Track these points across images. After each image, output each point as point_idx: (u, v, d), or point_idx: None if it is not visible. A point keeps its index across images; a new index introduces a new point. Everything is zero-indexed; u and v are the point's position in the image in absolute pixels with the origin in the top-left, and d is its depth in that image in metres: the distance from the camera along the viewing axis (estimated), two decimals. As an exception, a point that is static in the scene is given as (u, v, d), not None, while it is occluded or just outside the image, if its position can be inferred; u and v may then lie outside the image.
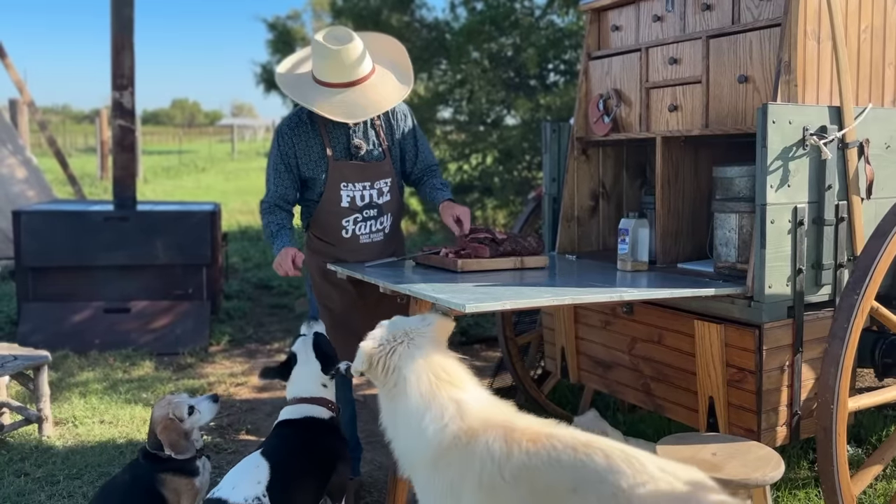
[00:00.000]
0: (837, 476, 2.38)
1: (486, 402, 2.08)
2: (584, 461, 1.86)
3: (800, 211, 2.63)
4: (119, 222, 5.56)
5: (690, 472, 1.84)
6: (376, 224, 3.18)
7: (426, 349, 2.11)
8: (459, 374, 2.12)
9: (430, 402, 2.03)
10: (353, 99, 2.96)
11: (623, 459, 1.84)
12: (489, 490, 1.94)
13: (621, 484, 1.79)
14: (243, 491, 2.27)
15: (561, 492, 1.87)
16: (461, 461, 1.98)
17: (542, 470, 1.89)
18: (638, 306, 3.08)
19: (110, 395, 4.47)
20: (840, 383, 2.37)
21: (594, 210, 3.67)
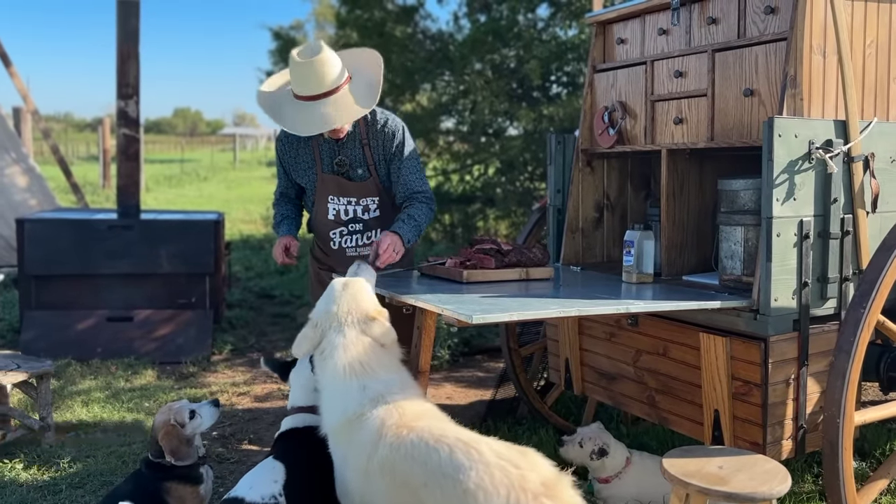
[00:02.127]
0: (844, 491, 2.38)
1: (394, 392, 2.25)
2: (432, 456, 2.02)
3: (805, 224, 2.64)
4: (123, 231, 5.57)
5: (526, 457, 2.00)
6: (362, 238, 3.24)
7: (351, 338, 2.34)
8: (375, 364, 2.31)
9: (341, 385, 2.27)
10: (316, 112, 2.96)
11: (464, 452, 1.99)
12: (364, 475, 2.16)
13: (459, 477, 1.94)
14: (260, 490, 2.28)
15: (415, 486, 2.04)
16: (349, 442, 2.21)
17: (399, 464, 2.07)
18: (643, 318, 3.08)
19: (113, 403, 4.46)
20: (846, 397, 2.37)
21: (599, 222, 3.67)
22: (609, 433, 3.24)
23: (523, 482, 1.91)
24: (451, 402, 4.74)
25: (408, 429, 2.12)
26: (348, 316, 2.40)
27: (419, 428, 2.11)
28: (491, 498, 1.89)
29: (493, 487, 1.91)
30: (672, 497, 2.20)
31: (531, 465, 1.98)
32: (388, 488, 2.11)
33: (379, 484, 2.13)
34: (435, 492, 1.99)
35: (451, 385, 5.06)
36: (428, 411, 2.25)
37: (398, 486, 2.08)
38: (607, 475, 3.17)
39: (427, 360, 2.66)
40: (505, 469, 1.94)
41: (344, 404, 2.26)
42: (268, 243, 10.10)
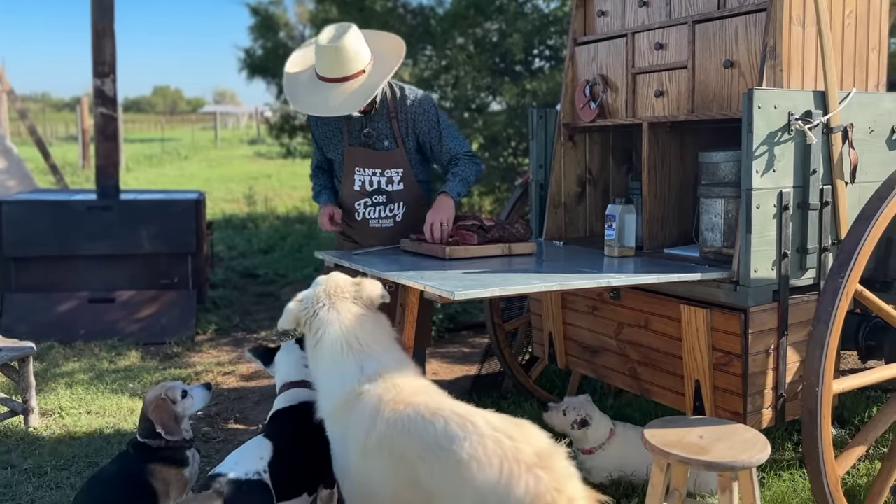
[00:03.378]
0: (822, 457, 2.42)
1: (391, 370, 2.26)
2: (428, 429, 2.03)
3: (785, 195, 2.65)
4: (102, 212, 5.51)
5: (521, 429, 2.00)
6: (385, 210, 3.35)
7: (346, 316, 2.32)
8: (370, 341, 2.31)
9: (338, 365, 2.27)
10: (335, 94, 3.08)
11: (459, 424, 2.00)
12: (363, 453, 2.17)
13: (453, 448, 1.96)
14: (244, 466, 2.28)
15: (412, 460, 2.05)
16: (347, 421, 2.21)
17: (396, 438, 2.08)
18: (625, 292, 3.09)
19: (96, 385, 4.44)
20: (825, 366, 2.39)
21: (581, 196, 3.68)
22: (594, 406, 3.28)
23: (517, 453, 1.92)
24: (436, 377, 4.76)
25: (405, 404, 2.12)
26: (337, 291, 2.39)
27: (416, 403, 2.11)
28: (484, 468, 1.91)
29: (486, 458, 1.92)
30: (654, 467, 2.23)
31: (526, 436, 1.99)
32: (386, 464, 2.11)
33: (377, 460, 2.13)
34: (431, 464, 2.01)
35: (437, 361, 5.08)
36: (425, 387, 2.26)
37: (396, 460, 2.09)
38: (591, 446, 3.21)
39: (411, 336, 2.67)
40: (499, 440, 1.95)
41: (342, 384, 2.25)
42: (250, 222, 10.06)
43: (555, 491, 1.86)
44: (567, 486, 1.89)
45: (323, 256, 3.01)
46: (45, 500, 3.11)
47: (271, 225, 9.93)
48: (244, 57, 8.62)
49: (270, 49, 8.45)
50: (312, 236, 8.87)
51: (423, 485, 2.02)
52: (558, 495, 1.86)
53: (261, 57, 8.56)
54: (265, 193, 12.61)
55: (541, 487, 1.86)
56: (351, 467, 2.22)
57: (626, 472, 3.16)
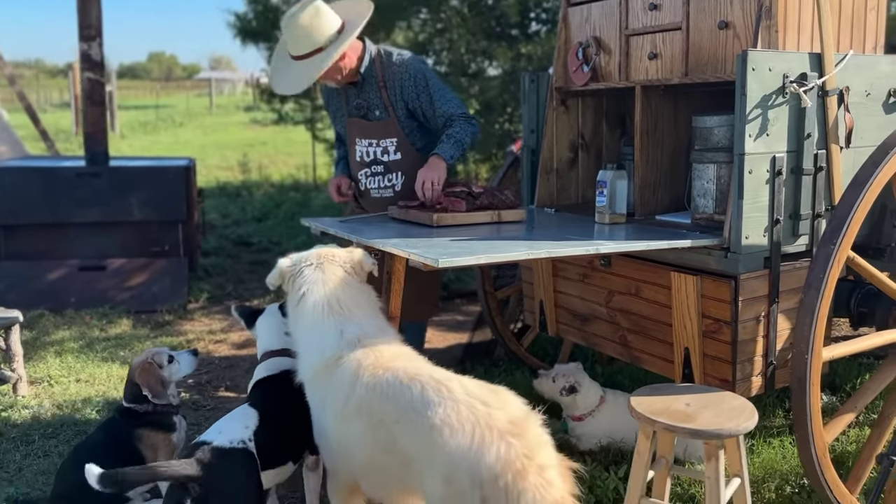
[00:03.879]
0: (811, 425, 2.40)
1: (371, 335, 2.24)
2: (404, 393, 2.02)
3: (778, 160, 2.60)
4: (91, 178, 5.45)
5: (497, 396, 1.99)
6: (384, 180, 3.35)
7: (330, 278, 2.31)
8: (352, 306, 2.29)
9: (319, 327, 2.25)
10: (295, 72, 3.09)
11: (434, 389, 1.98)
12: (342, 418, 2.15)
13: (427, 413, 1.94)
14: (229, 434, 2.26)
15: (389, 424, 2.04)
16: (327, 386, 2.19)
17: (375, 403, 2.07)
18: (615, 259, 3.05)
19: (86, 353, 4.42)
20: (815, 333, 2.37)
21: (573, 162, 3.62)
22: (584, 373, 3.26)
23: (490, 420, 1.90)
24: (429, 345, 4.74)
25: (384, 369, 2.11)
26: (328, 255, 2.39)
27: (395, 368, 2.10)
28: (456, 434, 1.88)
29: (458, 424, 1.89)
30: (639, 435, 2.21)
31: (501, 403, 1.97)
32: (365, 428, 2.10)
33: (356, 425, 2.12)
34: (406, 428, 1.99)
35: (430, 329, 5.03)
36: (404, 353, 2.24)
37: (374, 424, 2.08)
38: (580, 413, 3.20)
39: (397, 305, 2.63)
40: (473, 406, 1.93)
41: (322, 348, 2.24)
42: (244, 190, 10.00)
43: (525, 458, 1.84)
44: (538, 453, 1.88)
45: (309, 224, 2.97)
46: (32, 469, 3.11)
47: (265, 192, 9.86)
48: (235, 21, 8.46)
49: (262, 13, 8.29)
50: (306, 204, 8.81)
51: (400, 449, 2.01)
52: (528, 462, 1.84)
53: (253, 21, 8.40)
54: (260, 161, 12.50)
55: (511, 454, 1.84)
56: (330, 432, 2.21)
57: (616, 439, 3.15)
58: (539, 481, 1.85)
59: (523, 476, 1.84)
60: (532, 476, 1.85)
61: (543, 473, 1.87)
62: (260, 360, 2.65)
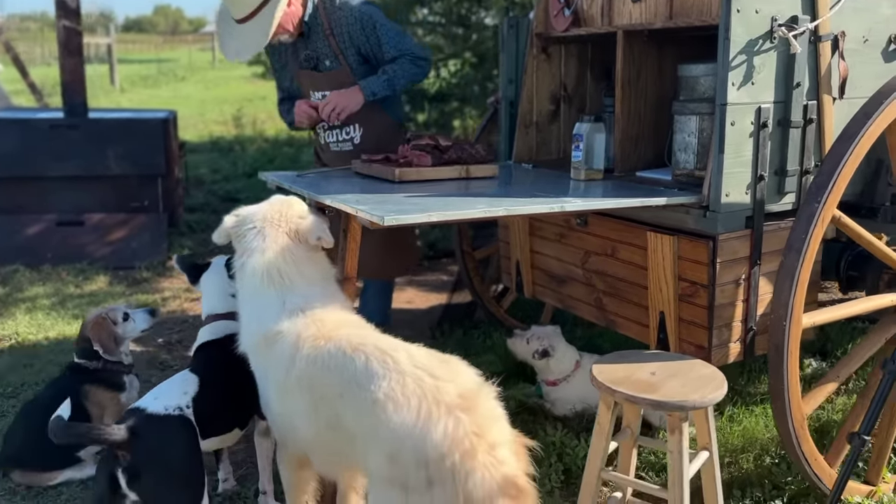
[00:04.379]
0: (788, 395, 2.26)
1: (314, 304, 2.09)
2: (348, 366, 1.88)
3: (764, 111, 2.41)
4: (67, 131, 5.29)
5: (447, 366, 1.84)
6: (342, 134, 3.23)
7: (271, 245, 2.14)
8: (294, 275, 2.12)
9: (258, 297, 2.10)
10: (250, 32, 2.94)
11: (380, 360, 1.84)
12: (283, 392, 2.02)
13: (371, 387, 1.80)
14: (165, 401, 2.14)
15: (332, 398, 1.90)
16: (267, 358, 2.07)
17: (317, 376, 1.93)
18: (592, 218, 2.89)
19: (58, 310, 4.32)
20: (795, 298, 2.21)
21: (555, 115, 3.42)
22: (561, 337, 3.13)
23: (437, 393, 1.76)
24: (410, 306, 4.62)
25: (326, 339, 1.96)
26: (275, 217, 2.21)
27: (338, 337, 1.95)
28: (400, 409, 1.74)
29: (403, 398, 1.76)
30: (600, 404, 2.07)
31: (451, 374, 1.82)
32: (307, 404, 1.98)
33: (298, 400, 2.00)
34: (350, 403, 1.86)
35: (414, 289, 4.93)
36: (349, 320, 2.09)
37: (317, 399, 1.95)
38: (555, 378, 3.08)
39: (353, 265, 2.48)
40: (419, 379, 1.79)
41: (261, 319, 2.10)
42: (237, 145, 9.81)
43: (474, 435, 1.71)
44: (490, 430, 1.74)
45: (265, 178, 2.81)
46: (-13, 429, 3.01)
47: (259, 148, 9.67)
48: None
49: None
50: (298, 159, 8.63)
51: (344, 425, 1.87)
52: (478, 440, 1.71)
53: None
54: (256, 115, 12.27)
55: (459, 432, 1.70)
56: (273, 405, 2.08)
57: (591, 405, 3.03)
58: (489, 460, 1.71)
59: (472, 455, 1.70)
60: (482, 455, 1.71)
61: (494, 451, 1.73)
62: (204, 323, 2.52)
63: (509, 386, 3.26)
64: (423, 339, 4.01)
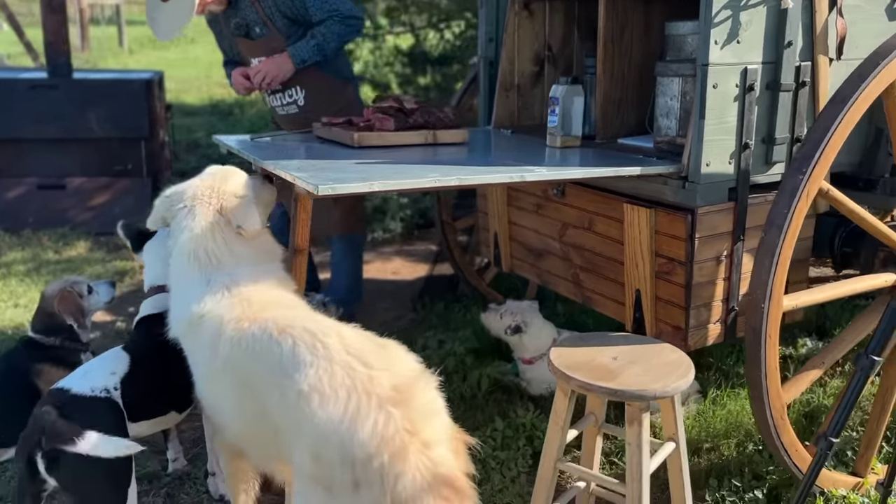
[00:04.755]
0: (766, 382, 2.09)
1: (242, 283, 1.93)
2: (274, 350, 1.71)
3: (750, 73, 2.20)
4: (48, 91, 5.13)
5: (383, 353, 1.69)
6: (284, 97, 3.16)
7: (201, 221, 1.99)
8: (224, 255, 1.97)
9: (185, 278, 1.97)
10: (175, 9, 2.90)
11: (308, 345, 1.68)
12: (209, 378, 1.88)
13: (296, 376, 1.64)
14: (92, 381, 2.01)
15: (256, 386, 1.75)
16: (192, 342, 1.94)
17: (241, 361, 1.78)
18: (569, 188, 2.70)
19: (33, 277, 4.22)
20: (775, 278, 2.03)
21: (538, 77, 3.21)
22: (538, 313, 2.97)
23: (369, 384, 1.59)
24: (396, 277, 4.47)
25: (250, 321, 1.80)
26: (205, 192, 2.05)
27: (263, 319, 1.79)
28: (327, 403, 1.58)
29: (330, 390, 1.59)
30: (557, 391, 1.91)
31: (386, 363, 1.66)
32: (232, 391, 1.83)
33: (224, 387, 1.85)
34: (272, 392, 1.69)
35: (401, 259, 4.78)
36: (279, 300, 1.92)
37: (241, 387, 1.80)
38: (530, 356, 2.92)
39: (304, 236, 2.32)
40: (350, 368, 1.62)
41: (187, 301, 1.94)
42: (237, 108, 9.63)
43: (407, 433, 1.54)
44: (425, 426, 1.57)
45: (218, 140, 2.64)
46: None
47: (258, 111, 9.46)
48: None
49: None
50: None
51: (269, 416, 1.72)
52: (410, 439, 1.54)
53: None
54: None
55: (390, 429, 1.54)
56: (203, 394, 1.94)
57: None
58: (422, 461, 1.55)
59: (402, 456, 1.54)
60: (413, 456, 1.55)
61: (429, 451, 1.57)
62: (147, 295, 2.38)
63: (485, 363, 3.12)
64: (405, 312, 3.94)
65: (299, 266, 2.27)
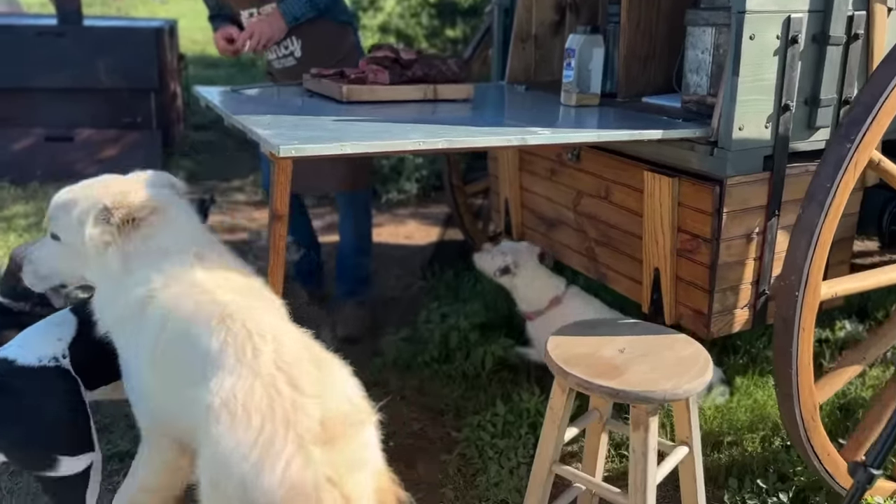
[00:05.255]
0: (797, 380, 1.83)
1: (178, 277, 1.61)
2: (203, 343, 1.43)
3: (794, 23, 1.89)
4: (55, 38, 4.94)
5: (318, 373, 1.37)
6: (280, 49, 2.94)
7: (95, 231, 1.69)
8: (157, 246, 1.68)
9: (119, 273, 1.67)
10: None
11: (238, 348, 1.38)
12: (153, 361, 1.57)
13: (211, 384, 1.35)
14: (37, 350, 1.80)
15: (181, 383, 1.46)
16: (132, 329, 1.63)
17: (176, 350, 1.50)
18: (585, 152, 2.43)
19: (32, 232, 4.08)
20: (812, 262, 1.75)
21: (558, 26, 2.91)
22: (534, 257, 2.66)
23: (292, 414, 1.29)
24: (409, 241, 4.25)
25: (195, 301, 1.53)
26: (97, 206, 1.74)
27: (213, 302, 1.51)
28: (236, 427, 1.28)
29: (243, 412, 1.29)
30: (554, 386, 1.68)
31: (320, 388, 1.35)
32: (163, 388, 1.58)
33: (156, 379, 1.59)
34: (196, 395, 1.39)
35: (416, 222, 4.55)
36: (205, 282, 1.58)
37: (171, 380, 1.53)
38: (529, 310, 2.67)
39: (283, 202, 2.07)
40: (274, 388, 1.32)
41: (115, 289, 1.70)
42: (260, 60, 9.36)
43: (327, 484, 1.26)
44: (350, 478, 1.29)
45: (198, 93, 2.42)
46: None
47: (283, 63, 9.23)
48: None
49: None
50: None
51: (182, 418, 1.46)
52: (330, 490, 1.26)
53: None
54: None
55: (306, 477, 1.25)
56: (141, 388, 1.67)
57: None
58: None
59: None
60: None
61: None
62: None
63: (491, 340, 2.89)
64: (414, 280, 3.73)
65: (277, 233, 2.04)
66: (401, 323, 3.20)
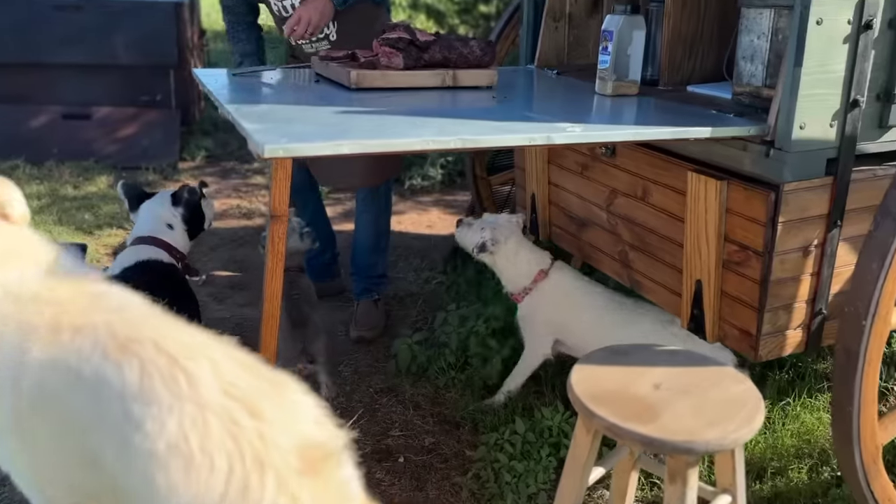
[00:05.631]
0: (858, 418, 1.60)
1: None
2: (110, 378, 1.08)
3: (869, 6, 1.63)
4: (73, 12, 4.78)
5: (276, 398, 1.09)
6: (317, 33, 2.68)
7: None
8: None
9: None
10: None
11: (166, 378, 1.06)
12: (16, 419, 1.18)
13: (147, 426, 1.04)
14: None
15: (80, 431, 1.12)
16: None
17: (60, 392, 1.13)
18: (622, 147, 2.19)
19: (43, 213, 3.96)
20: (884, 286, 1.51)
21: (595, 5, 2.65)
22: (517, 231, 2.42)
23: (262, 450, 1.04)
24: (430, 231, 4.04)
25: (73, 330, 1.16)
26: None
27: (91, 325, 1.15)
28: (195, 474, 1.03)
29: (202, 454, 1.03)
30: (578, 425, 1.46)
31: (281, 413, 1.09)
32: (45, 434, 1.19)
33: (36, 428, 1.20)
34: (107, 444, 1.10)
35: (439, 210, 4.34)
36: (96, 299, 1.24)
37: (56, 433, 1.17)
38: (515, 291, 2.44)
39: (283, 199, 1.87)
40: (231, 420, 1.06)
41: None
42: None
43: None
44: None
45: (196, 77, 2.22)
46: None
47: (312, 39, 9.03)
48: None
49: None
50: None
51: (107, 471, 1.12)
52: None
53: None
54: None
55: None
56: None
57: (562, 340, 2.40)
58: None
59: None
60: None
61: None
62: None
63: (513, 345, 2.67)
64: (433, 274, 3.52)
65: (276, 234, 1.84)
66: (417, 322, 3.01)
